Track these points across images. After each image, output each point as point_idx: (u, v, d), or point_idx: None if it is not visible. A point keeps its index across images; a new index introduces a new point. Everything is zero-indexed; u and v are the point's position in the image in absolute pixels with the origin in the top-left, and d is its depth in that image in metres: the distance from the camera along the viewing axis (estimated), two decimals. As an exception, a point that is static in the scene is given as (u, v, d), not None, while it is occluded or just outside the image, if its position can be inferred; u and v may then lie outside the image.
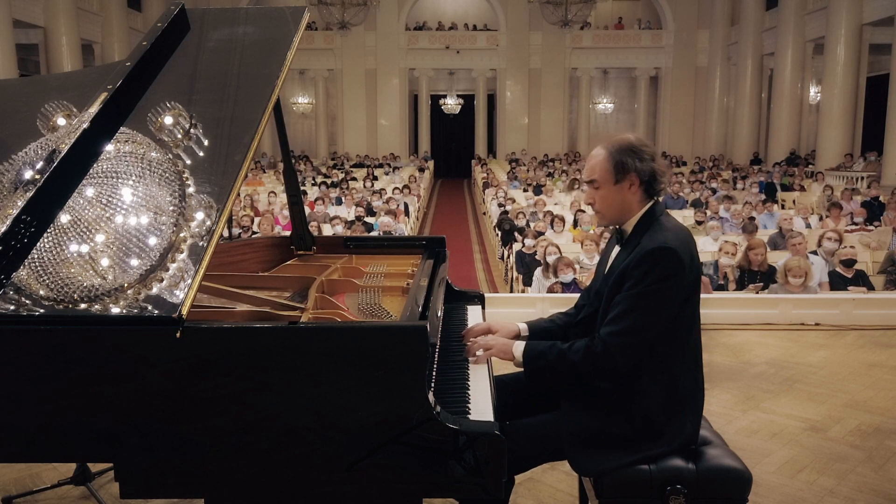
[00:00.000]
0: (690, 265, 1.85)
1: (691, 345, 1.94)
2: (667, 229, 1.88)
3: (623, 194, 1.92)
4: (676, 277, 1.81)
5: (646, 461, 1.86)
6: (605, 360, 1.84)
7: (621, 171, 1.89)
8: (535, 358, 1.96)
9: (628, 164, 1.88)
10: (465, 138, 26.10)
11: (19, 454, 1.70)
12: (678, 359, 1.90)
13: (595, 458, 1.87)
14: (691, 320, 1.92)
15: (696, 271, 1.90)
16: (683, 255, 1.82)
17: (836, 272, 6.21)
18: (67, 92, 2.13)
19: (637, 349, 1.84)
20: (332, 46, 24.36)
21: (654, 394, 1.87)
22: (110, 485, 2.85)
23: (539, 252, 7.15)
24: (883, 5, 14.67)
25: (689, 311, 1.90)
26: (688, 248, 1.86)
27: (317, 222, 8.55)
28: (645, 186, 1.91)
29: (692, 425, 1.94)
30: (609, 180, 1.91)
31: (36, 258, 1.65)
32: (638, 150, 1.90)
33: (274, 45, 2.34)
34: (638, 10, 26.01)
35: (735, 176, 16.74)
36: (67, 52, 15.97)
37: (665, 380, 1.88)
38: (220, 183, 1.86)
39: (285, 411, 1.60)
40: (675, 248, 1.81)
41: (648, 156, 1.90)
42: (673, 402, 1.88)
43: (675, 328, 1.88)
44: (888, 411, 3.79)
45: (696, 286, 1.90)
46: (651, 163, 1.90)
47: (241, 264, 2.86)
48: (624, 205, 1.94)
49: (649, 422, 1.87)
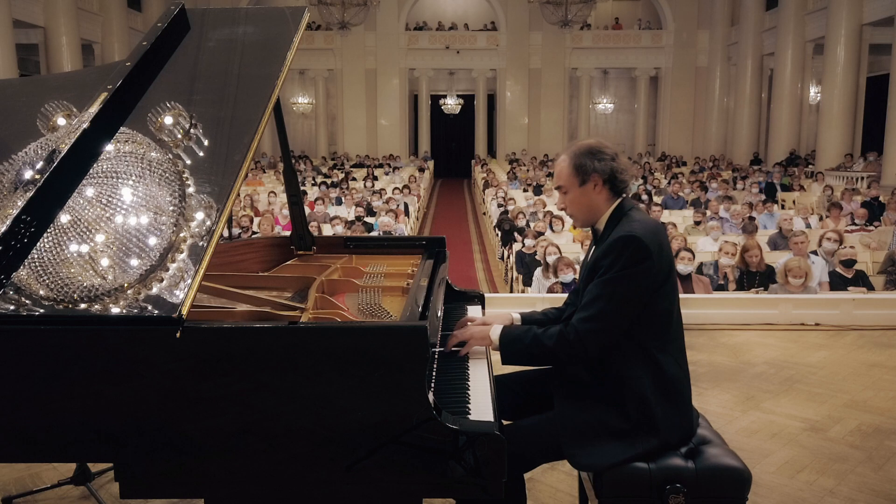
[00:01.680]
0: (659, 253, 1.90)
1: (673, 332, 1.97)
2: (634, 220, 1.95)
3: (589, 195, 2.01)
4: (643, 264, 1.87)
5: (644, 457, 1.87)
6: (577, 345, 1.90)
7: (583, 173, 1.99)
8: (512, 342, 2.02)
9: (587, 166, 1.98)
10: (465, 138, 26.10)
11: (19, 454, 1.70)
12: (661, 347, 1.93)
13: (593, 452, 1.88)
14: (669, 307, 1.96)
15: (667, 260, 1.95)
16: (651, 243, 1.88)
17: (836, 272, 6.21)
18: (67, 92, 2.13)
19: (606, 334, 1.90)
20: (332, 46, 24.36)
21: (643, 381, 1.90)
22: (110, 485, 2.85)
23: (539, 252, 7.16)
24: (883, 5, 14.67)
25: (666, 299, 1.94)
26: (656, 237, 1.91)
27: (317, 222, 8.55)
28: (609, 185, 2.00)
29: (686, 415, 1.96)
30: (574, 183, 2.01)
31: (36, 258, 1.65)
32: (596, 151, 1.99)
33: (274, 45, 2.34)
34: (638, 10, 26.02)
35: (735, 176, 16.74)
36: (67, 52, 15.97)
37: (652, 368, 1.91)
38: (220, 183, 1.86)
39: (285, 411, 1.60)
40: (640, 237, 1.88)
41: (608, 156, 1.99)
42: (662, 389, 1.91)
43: (653, 316, 1.92)
44: (888, 411, 3.79)
45: (668, 275, 1.94)
46: (611, 162, 1.99)
47: (241, 264, 2.86)
48: (592, 205, 2.03)
49: (643, 410, 1.89)
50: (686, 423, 1.96)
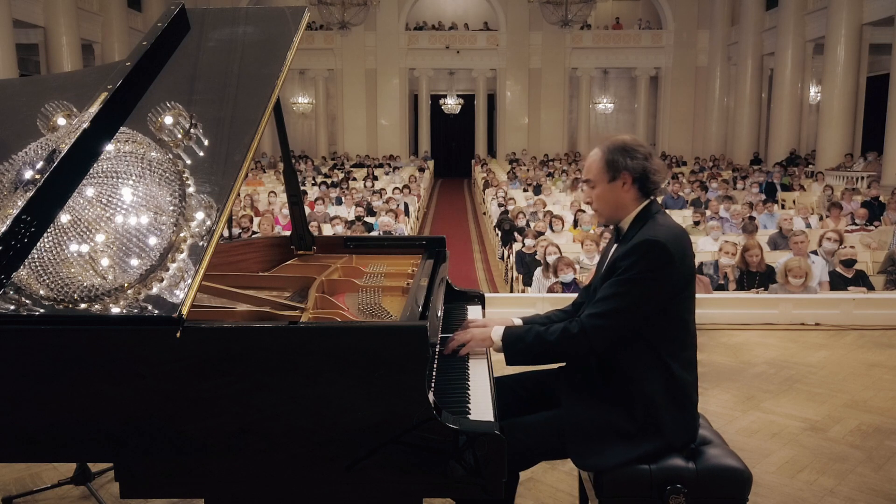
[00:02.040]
0: (682, 261, 1.88)
1: (688, 342, 1.96)
2: (660, 225, 1.92)
3: (617, 192, 1.97)
4: (664, 269, 1.85)
5: (647, 458, 1.87)
6: (582, 339, 1.89)
7: (613, 169, 1.95)
8: (514, 341, 2.01)
9: (619, 163, 1.94)
10: (465, 138, 26.09)
11: (19, 454, 1.70)
12: (674, 353, 1.91)
13: (597, 452, 1.88)
14: (686, 317, 1.94)
15: (689, 269, 1.93)
16: (674, 249, 1.85)
17: (836, 272, 6.21)
18: (67, 92, 2.13)
19: (613, 332, 1.88)
20: (332, 46, 24.35)
21: (653, 385, 1.89)
22: (110, 485, 2.85)
23: (539, 252, 7.16)
24: (883, 5, 14.66)
25: (683, 307, 1.93)
26: (680, 244, 1.89)
27: (317, 222, 8.55)
28: (638, 185, 1.96)
29: (691, 421, 1.95)
30: (603, 179, 1.98)
31: (36, 258, 1.65)
32: (630, 149, 1.95)
33: (274, 45, 2.34)
34: (638, 10, 26.01)
35: (735, 176, 16.73)
36: (67, 52, 15.96)
37: (662, 372, 1.89)
38: (220, 183, 1.86)
39: (285, 411, 1.60)
40: (664, 242, 1.85)
41: (641, 155, 1.95)
42: (671, 394, 1.90)
43: (669, 322, 1.90)
44: (888, 411, 3.79)
45: (688, 284, 1.92)
46: (644, 161, 1.95)
47: (241, 264, 2.86)
48: (619, 203, 1.99)
49: (650, 414, 1.88)
50: (692, 428, 1.96)
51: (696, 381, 1.99)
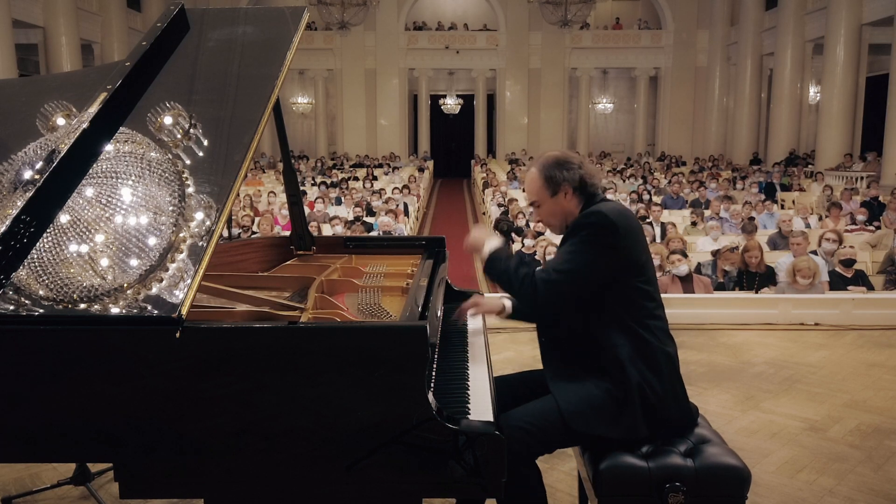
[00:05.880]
0: (627, 231, 1.96)
1: (656, 313, 2.02)
2: (603, 203, 2.04)
3: (561, 204, 2.10)
4: (605, 233, 1.94)
5: (641, 427, 1.91)
6: (531, 287, 1.99)
7: (553, 184, 2.08)
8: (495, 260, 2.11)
9: (557, 177, 2.07)
10: (465, 138, 26.06)
11: (19, 454, 1.70)
12: (640, 321, 1.98)
13: (588, 415, 1.93)
14: (647, 290, 2.01)
15: (640, 245, 2.02)
16: (615, 217, 1.95)
17: (835, 272, 6.21)
18: (67, 92, 2.13)
19: (557, 288, 1.96)
20: (332, 46, 24.34)
21: (623, 351, 1.95)
22: (110, 485, 2.85)
23: (539, 252, 7.15)
24: (883, 5, 14.65)
25: (642, 281, 2.00)
26: (623, 216, 1.99)
27: (316, 222, 8.54)
28: (579, 192, 2.09)
29: (681, 391, 2.01)
30: (546, 195, 2.11)
31: (35, 258, 1.65)
32: (564, 161, 2.08)
33: (273, 45, 2.34)
34: (637, 10, 26.00)
35: (735, 176, 16.72)
36: (67, 52, 15.94)
37: (630, 337, 1.96)
38: (219, 183, 1.86)
39: (285, 411, 1.60)
40: (604, 211, 1.97)
41: (575, 164, 2.08)
42: (646, 361, 1.95)
43: (626, 292, 1.98)
44: (888, 411, 3.79)
45: (639, 260, 2.00)
46: (578, 170, 2.08)
47: (240, 264, 2.86)
48: (566, 212, 2.11)
49: (623, 376, 1.93)
50: (682, 399, 2.01)
51: (673, 352, 2.03)
